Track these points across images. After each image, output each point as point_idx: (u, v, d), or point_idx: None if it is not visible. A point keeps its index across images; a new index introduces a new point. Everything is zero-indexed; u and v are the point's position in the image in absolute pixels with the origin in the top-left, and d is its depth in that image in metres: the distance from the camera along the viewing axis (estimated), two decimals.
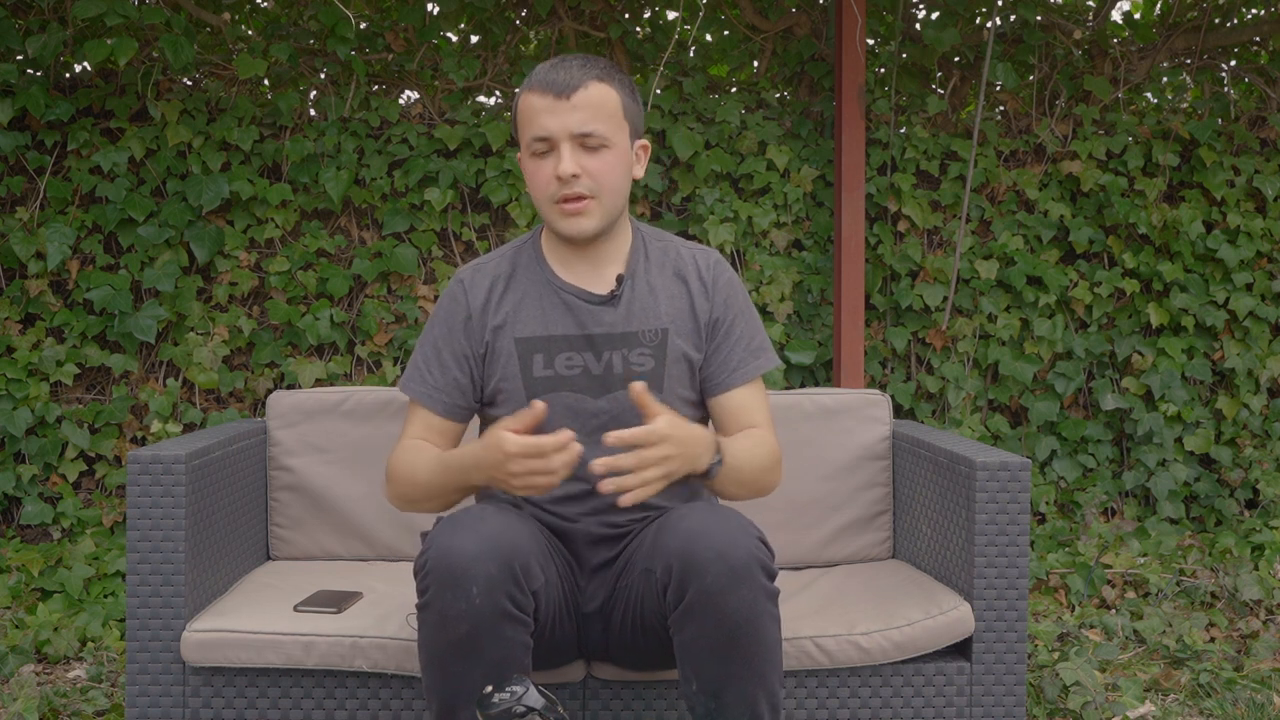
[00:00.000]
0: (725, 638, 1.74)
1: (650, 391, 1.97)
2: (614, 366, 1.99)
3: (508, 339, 2.00)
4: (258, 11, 4.06)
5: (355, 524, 2.63)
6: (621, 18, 4.00)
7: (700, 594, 1.72)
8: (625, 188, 1.96)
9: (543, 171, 1.91)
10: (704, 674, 1.77)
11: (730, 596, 1.71)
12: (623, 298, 2.00)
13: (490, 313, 2.01)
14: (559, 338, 1.99)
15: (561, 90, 1.87)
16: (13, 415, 3.56)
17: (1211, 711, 2.70)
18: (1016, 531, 2.24)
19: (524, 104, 1.92)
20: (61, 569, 3.28)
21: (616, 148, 1.92)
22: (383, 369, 3.77)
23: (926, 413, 3.97)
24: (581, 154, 1.89)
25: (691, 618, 1.74)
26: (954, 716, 2.24)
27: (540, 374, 1.98)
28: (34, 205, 3.67)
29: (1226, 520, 4.05)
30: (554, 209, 1.92)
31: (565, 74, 1.88)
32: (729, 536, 1.73)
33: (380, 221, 3.83)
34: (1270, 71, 4.27)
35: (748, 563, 1.72)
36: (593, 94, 1.89)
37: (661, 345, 2.00)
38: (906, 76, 4.05)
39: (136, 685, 2.18)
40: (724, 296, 2.05)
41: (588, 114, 1.88)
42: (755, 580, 1.73)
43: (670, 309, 2.02)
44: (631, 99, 1.96)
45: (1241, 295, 4.05)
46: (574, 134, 1.88)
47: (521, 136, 1.94)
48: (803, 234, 3.94)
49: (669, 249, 2.07)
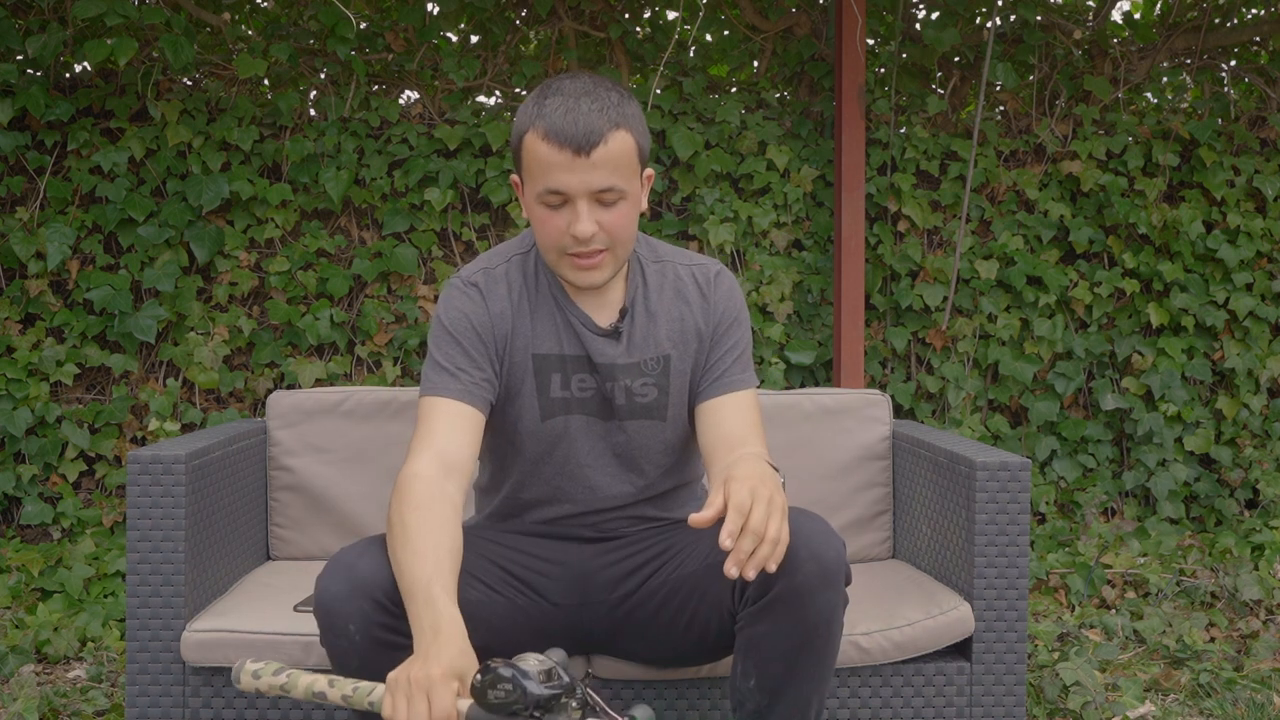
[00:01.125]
0: (801, 637, 1.75)
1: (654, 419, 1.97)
2: (616, 398, 1.96)
3: (524, 353, 1.95)
4: (258, 11, 4.06)
5: (355, 524, 2.63)
6: (621, 18, 4.00)
7: (788, 590, 1.72)
8: (635, 229, 1.90)
9: (554, 222, 1.82)
10: (768, 671, 1.78)
11: (817, 597, 1.73)
12: (624, 331, 1.96)
13: (508, 320, 1.95)
14: (572, 358, 1.95)
15: (581, 147, 1.76)
16: (13, 415, 3.56)
17: (1211, 711, 2.70)
18: (1016, 531, 2.24)
19: (534, 150, 1.79)
20: (61, 569, 3.28)
21: (631, 195, 1.84)
22: (383, 369, 3.77)
23: (926, 413, 3.97)
24: (598, 209, 1.81)
25: (770, 613, 1.75)
26: (954, 716, 2.24)
27: (557, 394, 1.96)
28: (34, 205, 3.67)
29: (1226, 520, 4.05)
30: (563, 260, 1.85)
31: (585, 124, 1.76)
32: (823, 539, 1.74)
33: (380, 221, 3.83)
34: (1270, 71, 4.27)
35: (837, 567, 1.74)
36: (612, 148, 1.77)
37: (664, 372, 1.98)
38: (906, 76, 4.05)
39: (136, 685, 2.18)
40: (722, 307, 2.01)
41: (607, 171, 1.78)
42: (840, 585, 1.76)
43: (671, 332, 1.99)
44: (643, 133, 1.85)
45: (1241, 295, 4.05)
46: (593, 192, 1.79)
47: (527, 177, 1.83)
48: (803, 234, 3.94)
49: (667, 270, 2.02)
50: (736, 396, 1.98)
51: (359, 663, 1.74)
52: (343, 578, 1.74)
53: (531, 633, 1.97)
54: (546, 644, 2.02)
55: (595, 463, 1.98)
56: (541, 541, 2.03)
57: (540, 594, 1.97)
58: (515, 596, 1.94)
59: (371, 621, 1.72)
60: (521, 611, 1.94)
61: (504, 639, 1.92)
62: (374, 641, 1.73)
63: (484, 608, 1.89)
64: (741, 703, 1.83)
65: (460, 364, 1.89)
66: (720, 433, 1.95)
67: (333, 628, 1.73)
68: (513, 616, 1.93)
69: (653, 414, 1.98)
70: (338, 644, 1.74)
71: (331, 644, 1.75)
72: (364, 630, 1.72)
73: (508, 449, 2.01)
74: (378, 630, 1.72)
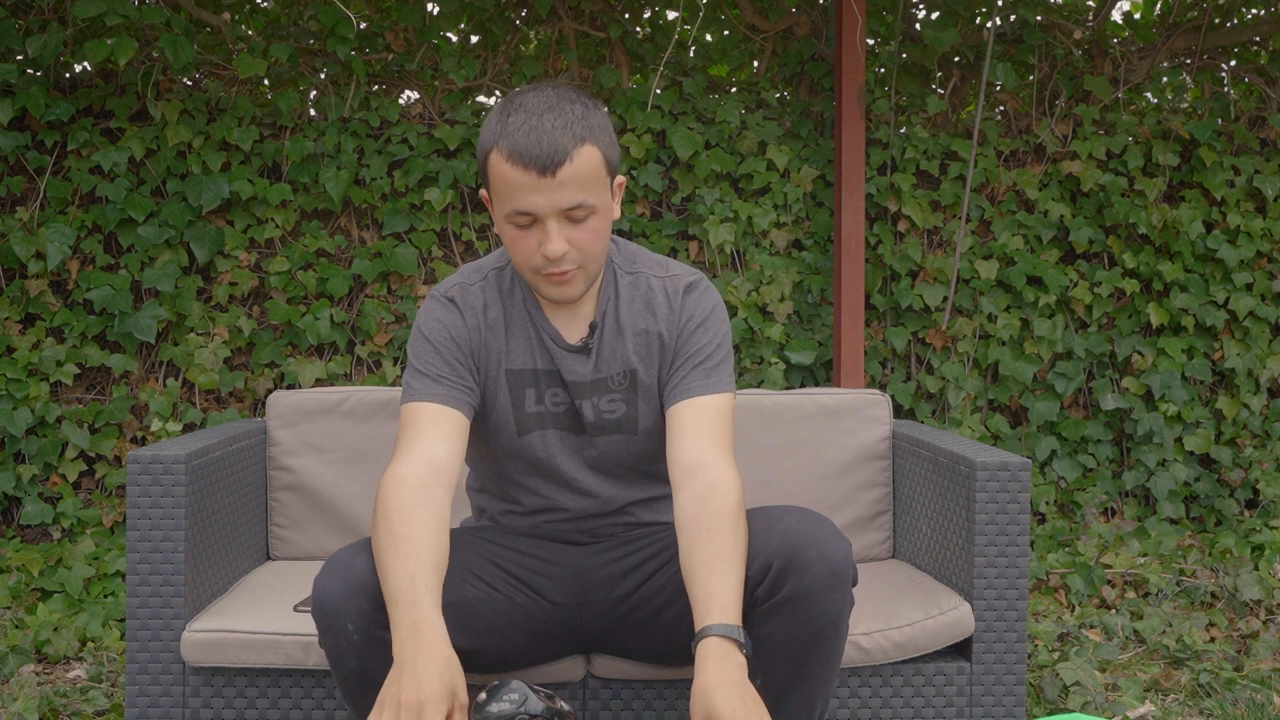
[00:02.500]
0: (808, 638, 1.75)
1: (625, 434, 1.96)
2: (586, 414, 1.95)
3: (499, 368, 1.95)
4: (258, 11, 4.06)
5: (355, 524, 2.63)
6: (621, 18, 4.00)
7: (797, 591, 1.72)
8: (608, 241, 1.87)
9: (525, 242, 1.80)
10: (774, 671, 1.79)
11: (825, 598, 1.73)
12: (592, 347, 1.95)
13: (483, 335, 1.95)
14: (545, 373, 1.95)
15: (546, 167, 1.72)
16: (13, 415, 3.56)
17: (1211, 711, 2.70)
18: (1016, 531, 2.24)
19: (499, 171, 1.75)
20: (61, 569, 3.28)
21: (602, 209, 1.81)
22: (383, 369, 3.77)
23: (926, 413, 3.97)
24: (568, 227, 1.78)
25: (779, 614, 1.75)
26: (954, 716, 2.24)
27: (532, 409, 1.96)
28: (34, 205, 3.67)
29: (1226, 520, 4.05)
30: (537, 278, 1.83)
31: (548, 143, 1.72)
32: (831, 541, 1.74)
33: (380, 221, 3.83)
34: (1270, 71, 4.27)
35: (845, 568, 1.74)
36: (579, 165, 1.74)
37: (631, 387, 1.96)
38: (906, 76, 4.05)
39: (136, 685, 2.18)
40: (686, 315, 1.97)
41: (574, 188, 1.74)
42: (847, 587, 1.76)
43: (638, 346, 1.96)
44: (611, 143, 1.81)
45: (1241, 295, 4.05)
46: (561, 210, 1.76)
47: (495, 196, 1.80)
48: (803, 234, 3.94)
49: (639, 281, 1.99)
50: (694, 403, 1.91)
51: (357, 663, 1.74)
52: (340, 577, 1.74)
53: (530, 632, 1.97)
54: (546, 643, 2.02)
55: (576, 474, 1.98)
56: (539, 542, 2.03)
57: (539, 593, 1.97)
58: (514, 595, 1.94)
59: (370, 621, 1.72)
60: (520, 610, 1.94)
61: (502, 637, 1.92)
62: (373, 641, 1.73)
63: (483, 605, 1.89)
64: None
65: (441, 371, 1.89)
66: (674, 442, 1.89)
67: (331, 627, 1.73)
68: (511, 615, 1.93)
69: (622, 429, 1.97)
70: (336, 644, 1.74)
71: (330, 644, 1.75)
72: (363, 630, 1.72)
73: (490, 460, 2.02)
74: (377, 629, 1.72)
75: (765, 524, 1.79)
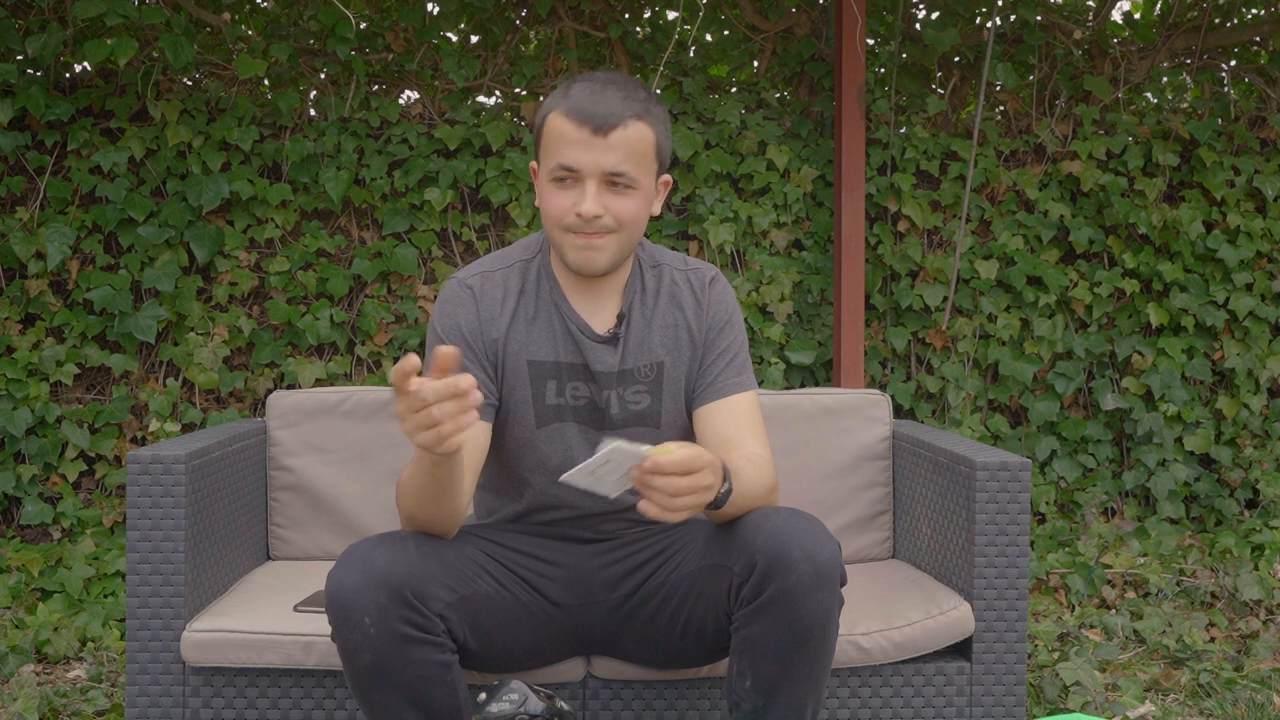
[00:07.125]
0: (795, 638, 1.75)
1: (648, 426, 1.97)
2: (610, 406, 1.96)
3: (519, 359, 1.95)
4: (258, 11, 4.06)
5: (355, 524, 2.63)
6: (621, 18, 4.00)
7: (781, 592, 1.73)
8: (643, 227, 1.90)
9: (561, 200, 1.83)
10: (762, 671, 1.78)
11: (810, 598, 1.73)
12: (620, 336, 1.96)
13: (502, 325, 1.95)
14: (567, 366, 1.95)
15: (600, 126, 1.79)
16: (13, 415, 3.56)
17: (1211, 711, 2.70)
18: (1016, 531, 2.24)
19: (553, 125, 1.82)
20: (61, 569, 3.28)
21: (643, 190, 1.85)
22: (383, 369, 3.77)
23: (926, 413, 3.97)
24: (607, 194, 1.82)
25: (764, 614, 1.75)
26: (954, 716, 2.24)
27: (552, 401, 1.95)
28: (34, 205, 3.67)
29: (1226, 520, 4.05)
30: (566, 237, 1.85)
31: (606, 107, 1.79)
32: (816, 540, 1.74)
33: (380, 221, 3.83)
34: (1270, 71, 4.27)
35: (831, 568, 1.74)
36: (630, 134, 1.81)
37: (658, 379, 1.97)
38: (906, 76, 4.05)
39: (136, 685, 2.18)
40: (714, 311, 2.01)
41: (621, 154, 1.80)
42: (834, 587, 1.76)
43: (665, 339, 1.98)
44: (665, 136, 1.89)
45: (1241, 295, 4.05)
46: (604, 173, 1.81)
47: (544, 155, 1.85)
48: (803, 234, 3.94)
49: (664, 274, 2.02)
50: (731, 401, 1.97)
51: (371, 657, 1.72)
52: (358, 570, 1.72)
53: (535, 631, 1.97)
54: (549, 643, 2.02)
55: None
56: (542, 541, 2.03)
57: (542, 593, 1.98)
58: (520, 593, 1.94)
59: (388, 614, 1.70)
60: (526, 609, 1.95)
61: (510, 635, 1.92)
62: (390, 634, 1.71)
63: (494, 601, 1.89)
64: (738, 703, 1.83)
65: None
66: (716, 438, 1.95)
67: (347, 620, 1.71)
68: (518, 613, 1.93)
69: (645, 421, 1.98)
70: (351, 637, 1.72)
71: (345, 637, 1.72)
72: (379, 623, 1.70)
73: (503, 454, 2.02)
74: (395, 623, 1.70)
75: (751, 523, 1.80)
